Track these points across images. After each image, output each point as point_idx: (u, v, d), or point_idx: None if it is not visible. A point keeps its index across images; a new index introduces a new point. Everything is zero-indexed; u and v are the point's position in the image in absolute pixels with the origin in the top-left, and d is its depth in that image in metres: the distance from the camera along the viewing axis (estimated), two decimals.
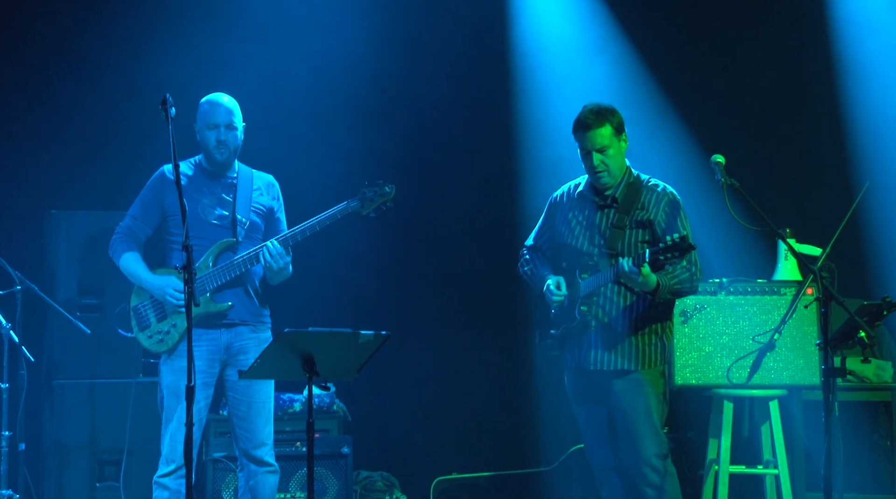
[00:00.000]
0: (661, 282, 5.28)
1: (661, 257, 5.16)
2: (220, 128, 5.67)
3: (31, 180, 7.19)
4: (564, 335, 5.52)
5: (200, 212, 5.68)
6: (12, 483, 6.33)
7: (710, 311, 6.46)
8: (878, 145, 7.54)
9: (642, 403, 5.41)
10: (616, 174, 5.46)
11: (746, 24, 7.89)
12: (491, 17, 7.84)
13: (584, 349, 5.47)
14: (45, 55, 7.26)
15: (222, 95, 5.74)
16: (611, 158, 5.42)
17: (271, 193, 5.84)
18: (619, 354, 5.42)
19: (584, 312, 5.44)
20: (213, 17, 7.44)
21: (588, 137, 5.42)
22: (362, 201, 5.60)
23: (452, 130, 7.93)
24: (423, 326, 7.77)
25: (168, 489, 5.54)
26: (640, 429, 5.40)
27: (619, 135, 5.45)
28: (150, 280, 5.66)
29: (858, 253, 7.45)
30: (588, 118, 5.41)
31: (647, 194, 5.47)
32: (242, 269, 5.61)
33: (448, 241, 7.94)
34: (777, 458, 6.51)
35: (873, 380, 6.91)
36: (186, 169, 5.75)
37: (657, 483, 5.41)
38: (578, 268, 5.48)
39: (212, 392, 5.68)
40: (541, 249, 5.75)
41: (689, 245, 5.14)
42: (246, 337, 5.67)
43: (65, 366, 6.69)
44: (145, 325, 5.70)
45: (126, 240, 5.76)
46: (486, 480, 7.83)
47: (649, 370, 5.43)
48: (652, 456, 5.39)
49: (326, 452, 6.76)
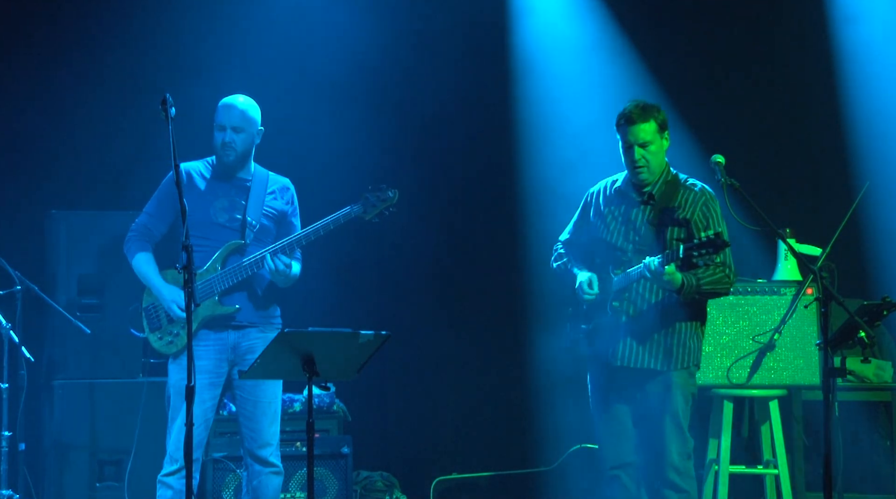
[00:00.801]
0: (686, 281, 5.27)
1: (694, 253, 5.15)
2: (227, 129, 5.65)
3: (31, 180, 7.19)
4: (595, 330, 5.51)
5: (212, 213, 5.68)
6: (12, 483, 6.33)
7: (710, 310, 6.43)
8: (878, 145, 7.54)
9: (670, 404, 5.41)
10: (655, 171, 5.45)
11: (747, 25, 7.89)
12: (492, 17, 7.84)
13: (613, 346, 5.45)
14: (46, 55, 7.26)
15: (238, 97, 5.71)
16: (652, 155, 5.42)
17: (285, 196, 5.81)
18: (650, 353, 5.41)
19: (616, 309, 5.44)
20: (215, 17, 7.44)
21: (631, 131, 5.41)
22: (365, 206, 5.59)
23: (453, 130, 7.93)
24: (424, 327, 7.77)
25: (172, 488, 5.53)
26: (665, 429, 5.40)
27: (662, 132, 5.44)
28: (159, 287, 5.65)
29: (858, 253, 7.45)
30: (633, 112, 5.42)
31: (684, 193, 5.46)
32: (249, 272, 5.60)
33: (449, 240, 7.94)
34: (777, 458, 6.52)
35: (873, 380, 6.92)
36: (203, 169, 5.76)
37: (678, 484, 5.41)
38: (612, 264, 5.47)
39: (219, 392, 5.67)
40: (575, 244, 5.73)
41: (723, 242, 5.13)
42: (254, 337, 5.65)
43: (65, 366, 6.69)
44: (156, 326, 5.71)
45: (140, 239, 5.75)
46: (486, 480, 7.83)
47: (679, 371, 5.43)
48: (675, 456, 5.40)
49: (326, 452, 6.76)
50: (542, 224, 7.66)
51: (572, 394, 7.49)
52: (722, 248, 5.18)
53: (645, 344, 5.41)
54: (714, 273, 5.36)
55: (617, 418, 5.50)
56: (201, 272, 5.57)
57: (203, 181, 5.72)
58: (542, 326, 7.69)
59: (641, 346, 5.41)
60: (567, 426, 7.64)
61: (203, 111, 6.53)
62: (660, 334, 5.42)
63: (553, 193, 7.62)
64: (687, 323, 5.45)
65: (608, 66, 7.77)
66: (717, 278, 5.38)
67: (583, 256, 5.64)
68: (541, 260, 7.70)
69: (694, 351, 5.47)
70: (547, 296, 7.68)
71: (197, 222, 5.62)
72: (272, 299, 5.76)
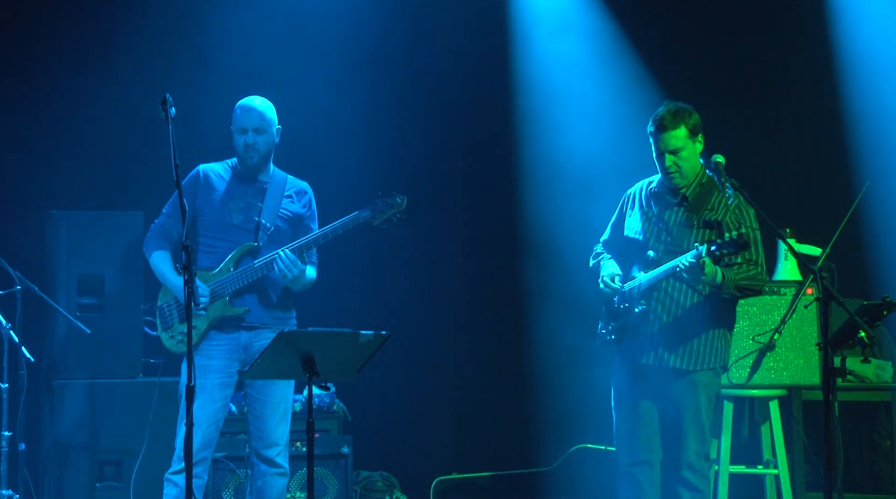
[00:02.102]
0: (726, 275, 5.28)
1: (716, 253, 5.16)
2: (249, 132, 5.67)
3: (32, 180, 7.18)
4: (622, 328, 5.53)
5: (227, 214, 5.70)
6: (12, 483, 6.33)
7: None
8: (878, 145, 7.54)
9: (694, 403, 5.43)
10: (688, 175, 5.46)
11: (746, 24, 7.88)
12: (493, 19, 7.84)
13: (640, 344, 5.47)
14: (46, 55, 7.26)
15: (255, 98, 5.73)
16: (684, 160, 5.42)
17: (302, 200, 5.82)
18: (677, 352, 5.43)
19: (644, 307, 5.45)
20: (216, 18, 7.43)
21: (663, 138, 5.42)
22: (374, 212, 5.60)
23: (455, 130, 7.92)
24: (424, 326, 7.77)
25: (178, 487, 5.53)
26: (685, 428, 5.42)
27: (695, 137, 5.44)
28: (174, 281, 5.67)
29: (858, 253, 7.44)
30: (665, 119, 5.41)
31: (717, 196, 5.46)
32: (259, 274, 5.61)
33: (450, 240, 7.94)
34: (777, 458, 6.52)
35: (873, 380, 6.92)
36: (222, 171, 5.78)
37: (693, 483, 5.43)
38: (642, 263, 5.49)
39: (231, 393, 5.68)
40: (613, 245, 5.75)
41: (745, 243, 5.13)
42: (265, 337, 5.63)
43: (65, 366, 6.68)
44: (168, 325, 5.73)
45: (158, 238, 5.79)
46: (486, 480, 7.83)
47: (705, 371, 5.45)
48: (692, 455, 5.42)
49: (326, 452, 6.76)
50: (544, 224, 7.67)
51: (573, 394, 7.50)
52: (744, 248, 5.18)
53: (672, 344, 5.43)
54: (749, 270, 5.37)
55: (638, 415, 5.53)
56: (214, 273, 5.63)
57: (221, 182, 5.75)
58: (542, 326, 7.69)
59: (669, 345, 5.43)
60: (567, 426, 7.65)
61: (204, 111, 6.55)
62: (688, 335, 5.43)
63: (554, 193, 7.62)
64: (715, 323, 5.46)
65: (609, 65, 7.77)
66: (752, 274, 5.39)
67: (619, 257, 5.67)
68: (542, 260, 7.74)
69: (721, 352, 5.49)
70: (548, 296, 7.69)
71: (213, 223, 5.67)
72: (286, 301, 5.76)
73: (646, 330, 5.47)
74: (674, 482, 5.46)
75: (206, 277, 5.61)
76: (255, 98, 5.75)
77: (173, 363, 5.82)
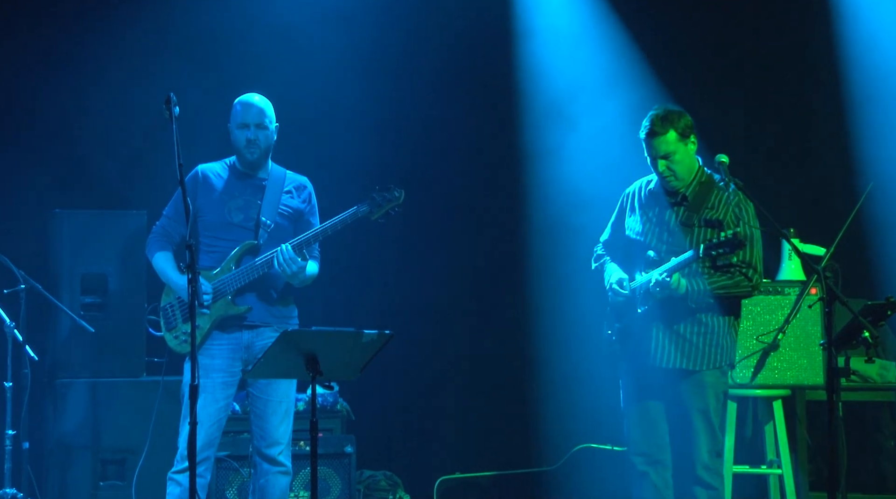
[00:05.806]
0: (690, 288, 5.29)
1: (713, 253, 5.18)
2: (251, 127, 5.67)
3: (35, 179, 7.18)
4: (627, 328, 5.53)
5: (227, 213, 5.70)
6: (16, 482, 6.34)
7: None
8: (882, 145, 7.53)
9: (702, 403, 5.43)
10: (684, 177, 5.45)
11: (750, 24, 7.88)
12: (495, 20, 7.84)
13: (644, 344, 5.47)
14: (48, 55, 7.26)
15: (254, 95, 5.74)
16: (677, 163, 5.41)
17: (302, 195, 5.82)
18: (682, 353, 5.43)
19: (645, 310, 5.45)
20: (217, 18, 7.43)
21: (653, 144, 5.41)
22: (372, 206, 5.59)
23: (456, 130, 7.92)
24: (427, 326, 7.76)
25: (181, 486, 5.53)
26: (696, 427, 5.42)
27: (686, 139, 5.42)
28: (177, 280, 5.67)
29: (862, 253, 7.44)
30: (654, 125, 5.40)
31: (717, 194, 5.46)
32: (260, 272, 5.61)
33: (451, 240, 7.93)
34: (781, 458, 6.51)
35: (877, 380, 6.91)
36: (220, 170, 5.78)
37: (707, 481, 5.43)
38: (644, 263, 5.48)
39: (233, 392, 5.69)
40: (613, 245, 5.75)
41: (739, 241, 5.14)
42: (267, 336, 5.63)
43: (68, 364, 6.68)
44: (172, 325, 5.73)
45: (160, 240, 5.79)
46: (489, 479, 7.83)
47: (712, 370, 5.45)
48: (705, 454, 5.42)
49: (330, 451, 6.76)
50: (545, 224, 7.67)
51: (576, 394, 7.50)
52: (739, 247, 5.18)
53: (677, 344, 5.43)
54: (731, 277, 5.36)
55: (649, 416, 5.53)
56: (216, 272, 5.63)
57: (220, 181, 5.74)
58: (546, 326, 7.69)
59: (674, 346, 5.43)
60: (570, 426, 7.64)
61: (206, 111, 6.54)
62: (692, 334, 5.43)
63: (555, 194, 7.62)
64: (720, 322, 5.45)
65: (609, 66, 7.76)
66: (732, 283, 5.38)
67: (622, 257, 5.67)
68: (543, 260, 7.73)
69: (728, 349, 5.48)
70: (549, 296, 7.68)
71: (213, 223, 5.67)
72: (288, 299, 5.76)
73: (649, 330, 5.46)
74: (689, 482, 5.45)
75: (207, 276, 5.60)
76: (253, 95, 5.75)
77: (176, 362, 5.82)
